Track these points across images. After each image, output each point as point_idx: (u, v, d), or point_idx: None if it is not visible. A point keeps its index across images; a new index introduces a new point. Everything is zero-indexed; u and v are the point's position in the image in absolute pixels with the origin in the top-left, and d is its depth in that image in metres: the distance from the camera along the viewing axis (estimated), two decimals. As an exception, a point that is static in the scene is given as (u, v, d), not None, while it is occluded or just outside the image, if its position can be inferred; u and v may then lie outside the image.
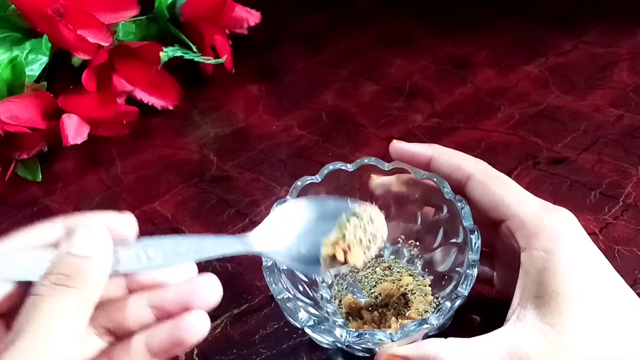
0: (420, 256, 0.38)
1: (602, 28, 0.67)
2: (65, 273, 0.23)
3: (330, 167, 0.36)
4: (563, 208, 0.31)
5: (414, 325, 0.29)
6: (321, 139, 0.55)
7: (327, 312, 0.36)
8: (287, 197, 0.35)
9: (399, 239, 0.39)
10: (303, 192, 0.35)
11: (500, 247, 0.34)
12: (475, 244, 0.32)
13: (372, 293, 0.37)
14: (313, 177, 0.36)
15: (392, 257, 0.39)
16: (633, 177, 0.47)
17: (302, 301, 0.34)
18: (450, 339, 0.29)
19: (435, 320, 0.30)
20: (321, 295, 0.37)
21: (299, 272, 0.35)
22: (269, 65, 0.67)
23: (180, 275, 0.27)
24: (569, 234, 0.30)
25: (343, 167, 0.36)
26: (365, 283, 0.38)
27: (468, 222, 0.32)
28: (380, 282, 0.37)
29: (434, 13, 0.75)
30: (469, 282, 0.31)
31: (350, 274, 0.39)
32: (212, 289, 0.26)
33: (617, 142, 0.51)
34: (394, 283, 0.37)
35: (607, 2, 0.72)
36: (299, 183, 0.35)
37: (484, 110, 0.56)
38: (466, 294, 0.30)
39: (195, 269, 0.27)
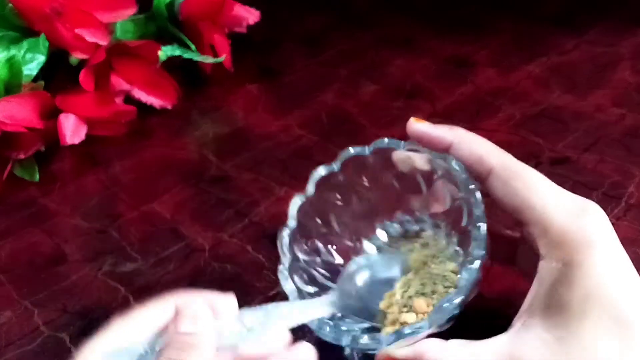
0: (455, 234, 0.36)
1: (604, 27, 0.67)
2: (178, 348, 0.25)
3: (350, 153, 0.35)
4: (593, 206, 0.29)
5: (409, 330, 0.29)
6: (321, 139, 0.55)
7: None
8: (308, 189, 0.35)
9: (435, 212, 0.37)
10: (322, 182, 0.35)
11: (523, 243, 0.32)
12: (481, 237, 0.29)
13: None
14: (331, 165, 0.35)
15: (431, 232, 0.37)
16: (635, 177, 0.47)
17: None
18: (451, 341, 0.29)
19: (428, 326, 0.29)
20: None
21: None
22: (269, 65, 0.67)
23: (279, 343, 0.29)
24: (593, 245, 0.28)
25: (361, 153, 0.35)
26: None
27: (477, 211, 0.30)
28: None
29: (434, 13, 0.75)
30: (466, 286, 0.29)
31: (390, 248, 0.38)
32: (308, 356, 0.28)
33: (619, 142, 0.51)
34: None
35: (608, 1, 0.71)
36: (319, 173, 0.35)
37: (484, 110, 0.56)
38: (459, 300, 0.29)
39: (289, 335, 0.29)
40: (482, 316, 0.37)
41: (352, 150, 0.35)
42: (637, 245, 0.41)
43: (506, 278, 0.38)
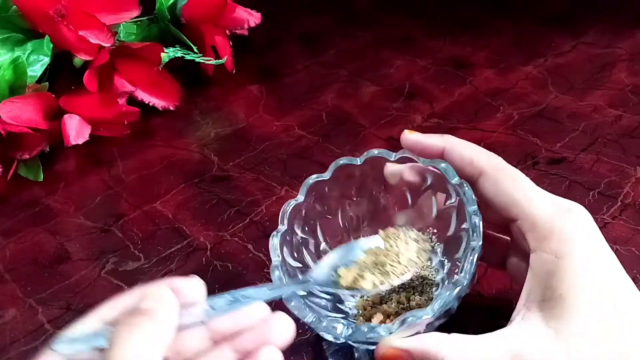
0: (439, 244, 0.37)
1: (601, 29, 0.67)
2: (132, 316, 0.24)
3: (340, 162, 0.36)
4: (578, 206, 0.30)
5: (411, 316, 0.29)
6: (321, 139, 0.55)
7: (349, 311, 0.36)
8: (298, 195, 0.36)
9: (420, 226, 0.38)
10: (312, 189, 0.36)
11: (513, 242, 0.33)
12: (477, 227, 0.30)
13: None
14: (322, 174, 0.36)
15: None
16: (631, 177, 0.47)
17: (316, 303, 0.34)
18: (453, 335, 0.29)
19: (431, 311, 0.29)
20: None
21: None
22: (270, 66, 0.68)
23: (255, 316, 0.28)
24: (580, 237, 0.29)
25: (352, 162, 0.36)
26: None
27: (471, 205, 0.31)
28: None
29: (433, 14, 0.75)
30: (469, 267, 0.30)
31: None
32: (284, 327, 0.28)
33: (615, 142, 0.51)
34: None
35: (605, 2, 0.72)
36: (310, 181, 0.36)
37: (483, 111, 0.57)
38: (465, 283, 0.30)
39: (267, 308, 0.29)
40: (479, 312, 0.37)
41: (343, 160, 0.36)
42: (632, 244, 0.41)
43: (503, 276, 0.39)
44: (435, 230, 0.37)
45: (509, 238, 0.34)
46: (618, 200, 0.45)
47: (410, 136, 0.34)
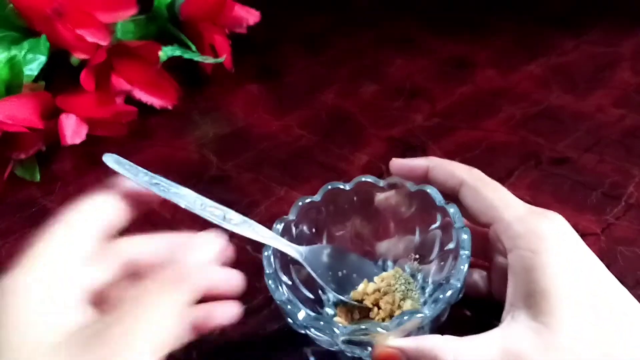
0: (420, 269, 0.38)
1: (604, 28, 0.67)
2: (176, 278, 0.27)
3: (329, 187, 0.37)
4: (552, 212, 0.32)
5: (408, 314, 0.30)
6: (321, 139, 0.55)
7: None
8: (289, 216, 0.36)
9: (401, 254, 0.39)
10: (303, 210, 0.37)
11: (491, 254, 0.35)
12: (465, 240, 0.32)
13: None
14: (313, 197, 0.37)
15: (392, 272, 0.38)
16: (635, 177, 0.47)
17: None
18: (447, 336, 0.30)
19: (427, 311, 0.30)
20: (326, 312, 0.37)
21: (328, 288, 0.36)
22: (269, 65, 0.67)
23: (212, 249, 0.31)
24: (555, 235, 0.31)
25: (341, 186, 0.37)
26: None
27: (458, 223, 0.33)
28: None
29: (434, 13, 0.75)
30: (460, 274, 0.31)
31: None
32: (238, 281, 0.31)
33: (619, 142, 0.51)
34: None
35: (608, 1, 0.71)
36: (299, 203, 0.37)
37: (484, 110, 0.56)
38: (459, 285, 0.31)
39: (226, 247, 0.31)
40: (474, 313, 0.37)
41: (332, 184, 0.37)
42: (636, 245, 0.41)
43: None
44: (417, 256, 0.38)
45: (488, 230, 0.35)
46: (622, 201, 0.45)
47: (397, 162, 0.37)
